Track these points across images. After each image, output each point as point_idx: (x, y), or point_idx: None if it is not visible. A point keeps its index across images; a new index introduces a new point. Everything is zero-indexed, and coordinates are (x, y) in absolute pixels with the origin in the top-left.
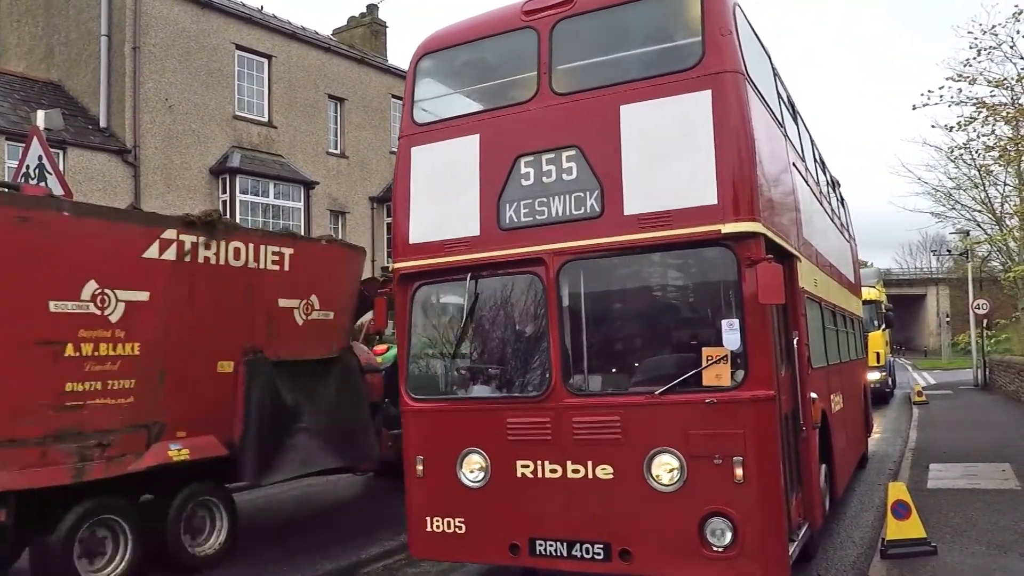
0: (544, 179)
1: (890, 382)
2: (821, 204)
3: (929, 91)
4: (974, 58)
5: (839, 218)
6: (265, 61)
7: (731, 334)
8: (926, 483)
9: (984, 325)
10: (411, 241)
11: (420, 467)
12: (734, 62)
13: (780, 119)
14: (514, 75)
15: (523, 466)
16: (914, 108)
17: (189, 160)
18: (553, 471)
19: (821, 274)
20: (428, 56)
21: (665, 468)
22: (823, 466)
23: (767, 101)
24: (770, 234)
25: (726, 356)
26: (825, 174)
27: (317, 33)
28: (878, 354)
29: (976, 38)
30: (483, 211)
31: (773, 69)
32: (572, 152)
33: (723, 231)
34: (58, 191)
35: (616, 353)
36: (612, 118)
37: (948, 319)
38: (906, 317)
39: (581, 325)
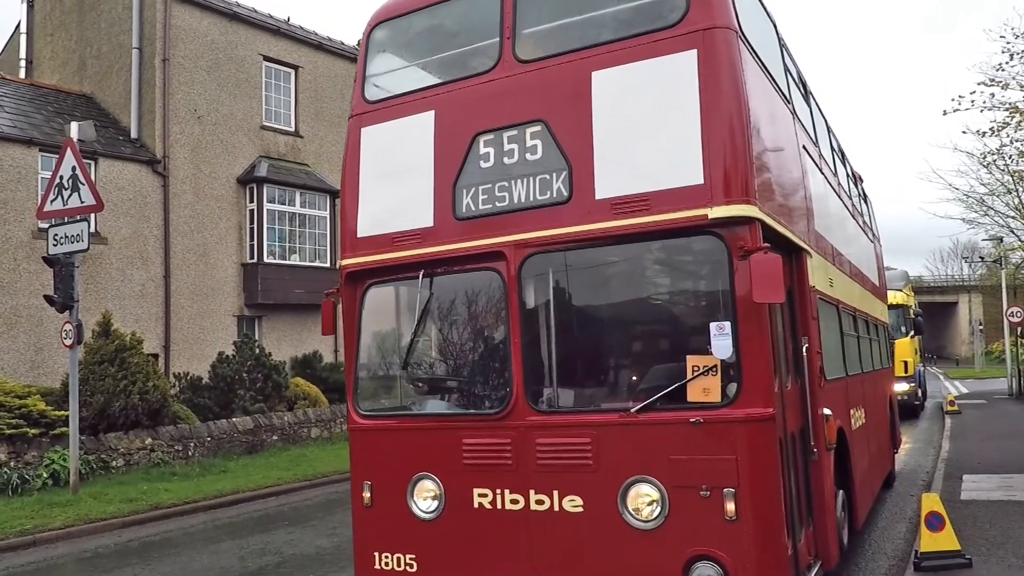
0: (505, 160)
1: (919, 394)
2: (839, 196)
3: (960, 96)
4: (1007, 62)
5: (861, 215)
6: (292, 72)
7: (721, 340)
8: (960, 494)
9: (1019, 333)
10: (359, 235)
11: (367, 494)
12: (725, 17)
13: (787, 95)
14: (474, 43)
15: (480, 495)
16: (944, 114)
17: (217, 170)
18: (514, 502)
19: (838, 273)
20: (382, 25)
21: (643, 500)
22: (840, 492)
23: (769, 71)
24: (769, 221)
25: (715, 366)
26: (845, 166)
27: (343, 44)
28: (906, 363)
29: (1008, 42)
30: (437, 198)
31: (779, 38)
32: (537, 128)
33: (711, 216)
34: (90, 201)
35: (587, 363)
36: (583, 87)
37: (981, 327)
38: (937, 325)
39: (548, 330)
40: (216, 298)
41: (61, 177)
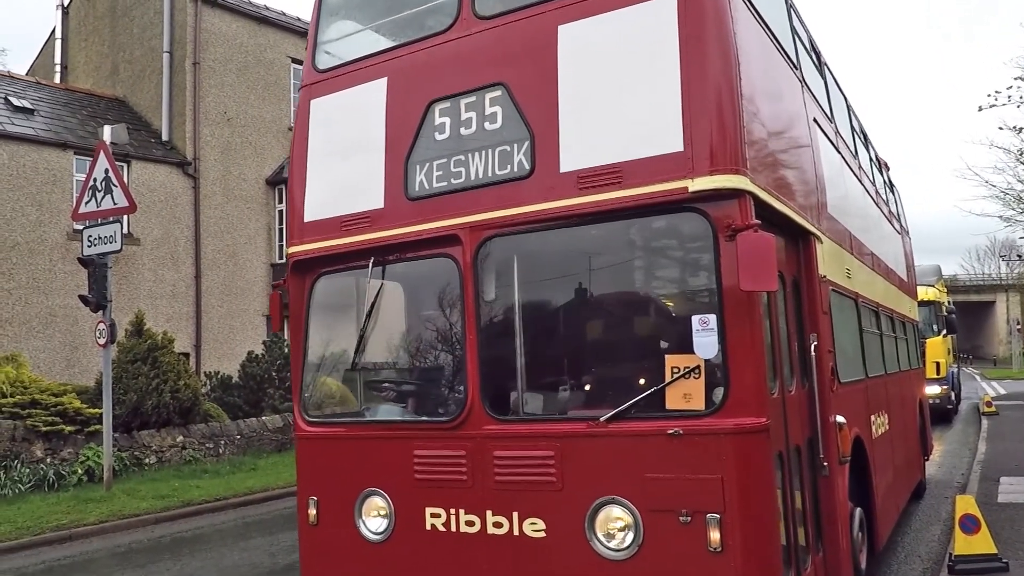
0: (462, 130)
1: (953, 397)
2: (860, 181)
3: (996, 92)
4: None
5: (887, 204)
6: None
7: (705, 336)
8: (996, 497)
9: None
10: (307, 219)
11: (313, 511)
12: None
13: (794, 60)
14: (431, 0)
15: (433, 515)
16: (980, 109)
17: (246, 171)
18: (469, 523)
19: (857, 263)
20: None
21: (614, 526)
22: (858, 511)
23: (770, 28)
24: (764, 196)
25: (698, 368)
26: (868, 150)
27: None
28: (938, 364)
29: None
30: (389, 176)
31: None
32: (497, 92)
33: (692, 188)
34: (123, 203)
35: (552, 364)
36: (548, 44)
37: (1020, 327)
38: (974, 324)
39: (507, 325)
40: (246, 298)
41: (95, 179)
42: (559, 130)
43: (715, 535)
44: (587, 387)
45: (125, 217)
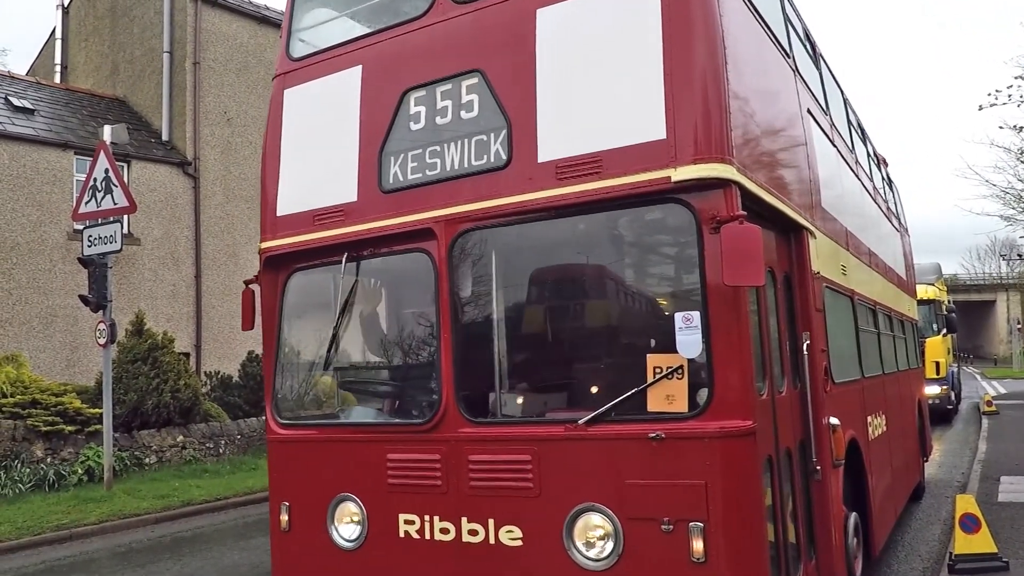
0: (438, 119)
1: (953, 397)
2: (857, 176)
3: (997, 91)
4: None
5: (885, 201)
6: None
7: (688, 335)
8: (997, 496)
9: None
10: (279, 213)
11: (285, 517)
12: None
13: (786, 48)
14: None
15: (407, 522)
16: (980, 108)
17: (246, 171)
18: (444, 531)
19: (854, 260)
20: None
21: (593, 534)
22: (853, 515)
23: (760, 14)
24: (752, 186)
25: (681, 368)
26: (866, 145)
27: None
28: (938, 364)
29: None
30: (362, 168)
31: None
32: (473, 80)
33: (674, 178)
34: (123, 203)
35: (530, 364)
36: (526, 28)
37: (1020, 326)
38: (974, 324)
39: (485, 322)
40: None
41: (95, 179)
42: (537, 118)
43: (698, 544)
44: (566, 388)
45: (125, 217)
